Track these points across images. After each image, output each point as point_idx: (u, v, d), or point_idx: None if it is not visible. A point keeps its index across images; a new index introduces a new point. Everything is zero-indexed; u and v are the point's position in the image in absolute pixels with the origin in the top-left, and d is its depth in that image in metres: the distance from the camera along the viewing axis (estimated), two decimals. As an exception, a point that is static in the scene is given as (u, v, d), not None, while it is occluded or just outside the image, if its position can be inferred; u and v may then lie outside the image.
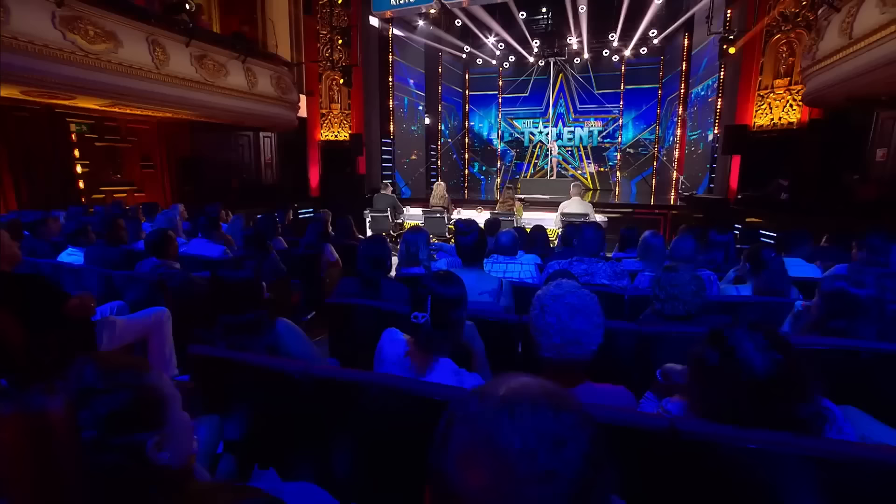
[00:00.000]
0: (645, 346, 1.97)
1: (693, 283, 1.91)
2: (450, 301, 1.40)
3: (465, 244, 2.40)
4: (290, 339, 1.65)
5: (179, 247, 3.98)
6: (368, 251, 2.38)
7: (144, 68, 5.97)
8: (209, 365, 1.39)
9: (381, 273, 2.40)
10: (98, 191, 6.83)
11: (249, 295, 1.61)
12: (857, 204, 5.91)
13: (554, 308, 1.18)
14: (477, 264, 2.44)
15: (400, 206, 7.21)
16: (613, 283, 2.73)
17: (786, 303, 2.44)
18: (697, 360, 1.04)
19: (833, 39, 5.55)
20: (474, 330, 1.64)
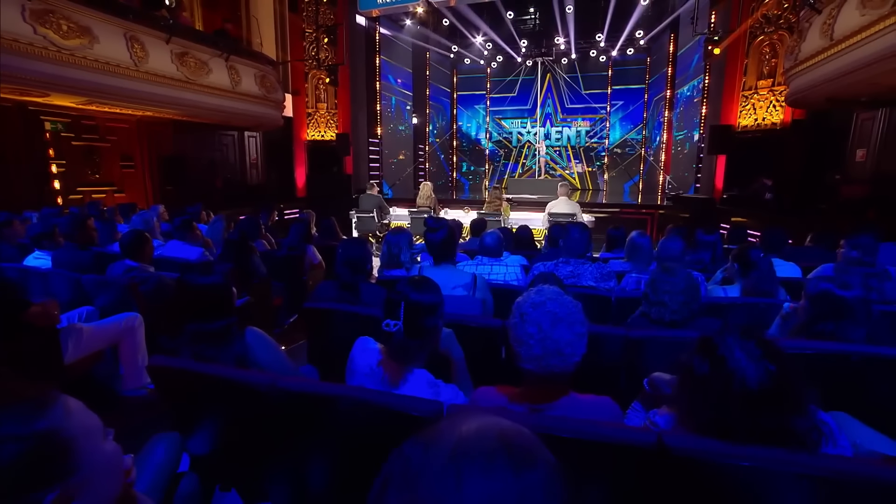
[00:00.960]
0: (632, 351, 1.92)
1: (685, 292, 1.86)
2: (425, 308, 1.33)
3: (435, 241, 2.38)
4: (259, 348, 1.57)
5: (156, 249, 3.89)
6: (347, 254, 2.30)
7: (122, 65, 5.79)
8: (172, 377, 1.31)
9: (360, 277, 2.32)
10: (76, 191, 6.62)
11: (218, 302, 1.53)
12: (841, 203, 5.98)
13: (534, 316, 1.12)
14: (448, 261, 2.42)
15: (386, 207, 7.12)
16: (600, 284, 2.69)
17: (774, 304, 2.42)
18: (686, 370, 0.99)
19: (815, 41, 5.60)
20: (453, 338, 1.57)
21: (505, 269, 2.91)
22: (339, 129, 10.19)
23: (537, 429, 1.01)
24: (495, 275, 2.90)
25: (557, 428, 0.99)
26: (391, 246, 3.01)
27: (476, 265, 2.96)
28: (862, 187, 5.83)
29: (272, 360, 1.61)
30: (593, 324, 2.53)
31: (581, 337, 1.13)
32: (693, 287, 1.87)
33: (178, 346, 1.42)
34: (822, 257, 3.55)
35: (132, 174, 7.38)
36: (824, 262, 3.31)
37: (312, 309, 2.29)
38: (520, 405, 1.15)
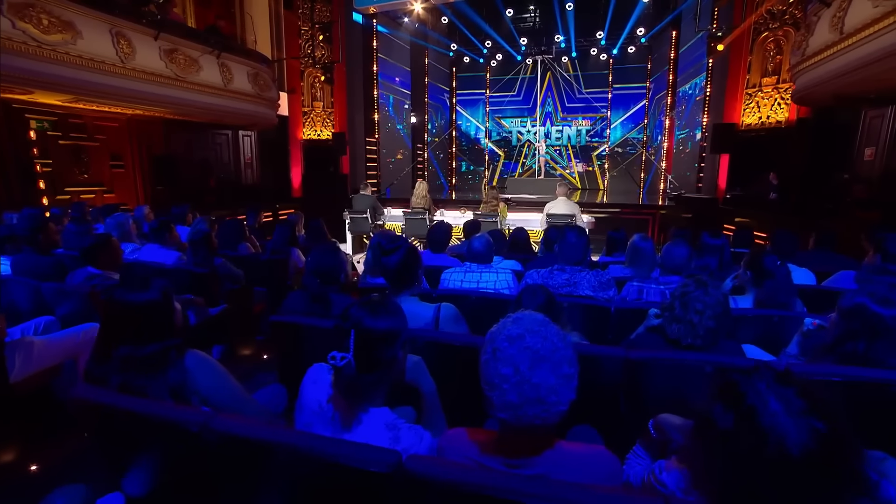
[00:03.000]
0: (634, 375, 1.73)
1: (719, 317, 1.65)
2: (381, 336, 1.12)
3: (390, 266, 1.98)
4: (201, 376, 1.37)
5: (131, 253, 3.71)
6: (316, 262, 2.11)
7: (108, 62, 5.62)
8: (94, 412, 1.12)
9: (332, 287, 2.13)
10: (63, 192, 6.44)
11: (154, 322, 1.34)
12: (850, 203, 5.78)
13: (510, 353, 0.91)
14: (407, 290, 2.04)
15: (380, 207, 6.94)
16: (598, 294, 2.49)
17: (791, 317, 2.23)
18: (703, 420, 0.79)
19: (823, 35, 5.40)
20: (422, 367, 1.37)
21: (496, 277, 2.72)
22: (336, 128, 10.01)
23: (512, 494, 0.82)
24: (485, 283, 2.71)
25: (538, 494, 0.80)
26: (375, 251, 2.83)
27: (464, 272, 2.77)
28: (873, 186, 5.62)
29: (218, 390, 1.42)
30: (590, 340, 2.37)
31: (569, 380, 0.93)
32: (728, 311, 1.67)
33: (107, 373, 1.24)
34: (834, 262, 3.35)
35: (122, 174, 7.21)
36: (840, 267, 3.11)
37: (280, 323, 2.11)
38: (494, 458, 0.95)
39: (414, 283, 2.07)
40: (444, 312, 2.00)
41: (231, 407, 1.53)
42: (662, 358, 1.71)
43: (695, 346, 1.71)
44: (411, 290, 2.06)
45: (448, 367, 1.93)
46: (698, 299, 1.69)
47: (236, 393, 1.54)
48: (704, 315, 1.68)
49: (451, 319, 2.02)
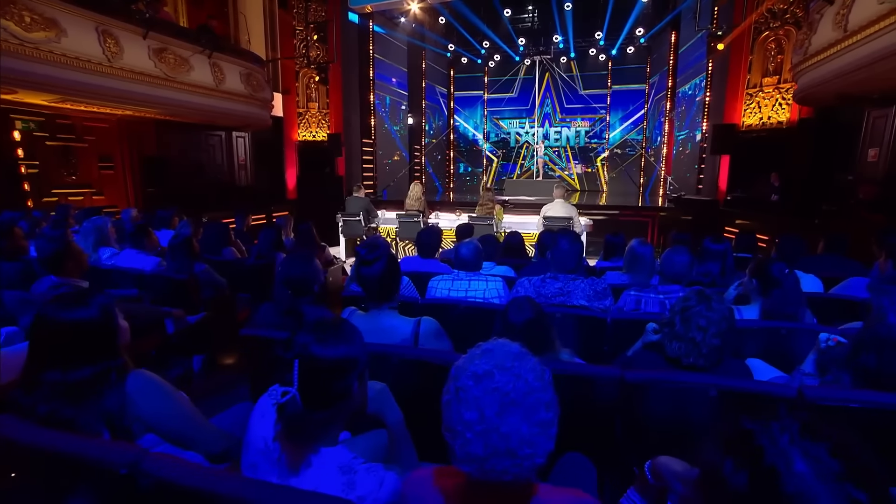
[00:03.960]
0: (630, 398, 1.59)
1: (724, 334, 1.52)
2: (332, 366, 0.97)
3: (370, 277, 1.83)
4: (145, 401, 1.23)
5: (110, 258, 3.57)
6: (287, 272, 1.97)
7: (94, 61, 5.48)
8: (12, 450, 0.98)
9: (305, 299, 1.99)
10: (50, 194, 6.31)
11: (89, 342, 1.19)
12: (855, 205, 5.65)
13: (475, 395, 0.77)
14: (386, 302, 1.90)
15: (374, 210, 6.80)
16: (594, 304, 2.36)
17: (801, 330, 2.09)
18: (711, 475, 0.65)
19: (826, 33, 5.28)
20: (387, 395, 1.22)
21: (485, 285, 2.58)
22: (331, 129, 9.89)
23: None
24: (473, 291, 2.57)
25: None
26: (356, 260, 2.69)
27: (452, 279, 2.63)
28: (879, 187, 5.49)
29: (166, 415, 1.28)
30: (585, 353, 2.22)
31: (546, 428, 0.78)
32: (733, 326, 1.53)
33: (35, 402, 1.09)
34: (843, 267, 3.21)
35: (112, 176, 7.07)
36: (849, 273, 2.97)
37: (250, 337, 1.97)
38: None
39: (394, 296, 1.92)
40: (424, 327, 1.86)
41: (182, 434, 1.40)
42: (661, 380, 1.57)
43: (697, 366, 1.57)
44: (391, 302, 1.92)
45: (427, 388, 1.78)
46: (701, 314, 1.55)
47: (189, 418, 1.39)
48: (708, 332, 1.54)
49: (432, 335, 1.88)
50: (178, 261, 3.37)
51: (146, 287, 3.32)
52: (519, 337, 1.73)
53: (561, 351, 1.79)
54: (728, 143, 7.77)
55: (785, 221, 6.29)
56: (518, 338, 1.72)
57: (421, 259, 3.54)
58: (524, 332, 1.70)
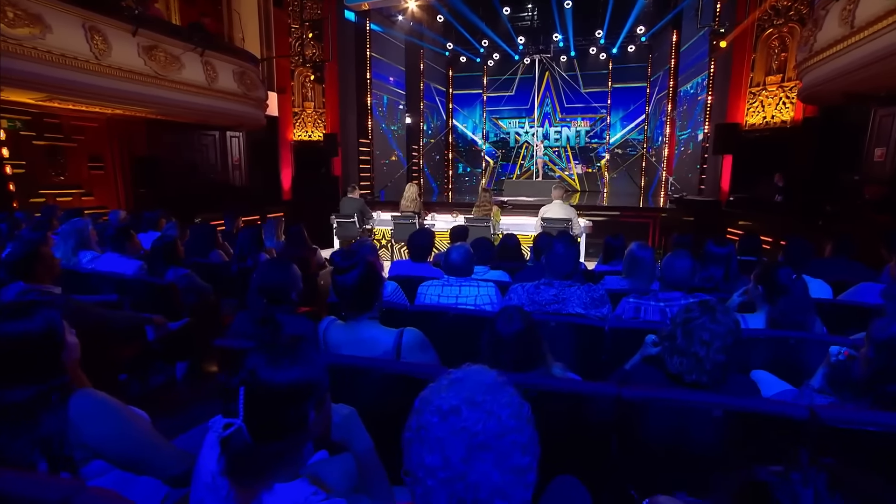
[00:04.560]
0: (628, 416, 1.46)
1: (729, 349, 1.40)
2: (285, 393, 0.85)
3: (346, 285, 1.69)
4: (90, 424, 1.10)
5: (91, 261, 3.44)
6: (263, 279, 1.84)
7: (80, 58, 5.36)
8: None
9: (282, 308, 1.86)
10: (37, 194, 6.19)
11: (29, 359, 1.07)
12: (862, 206, 5.50)
13: (438, 434, 0.65)
14: (365, 312, 1.76)
15: (368, 211, 6.67)
16: (590, 311, 2.22)
17: (810, 340, 1.95)
18: None
19: (832, 29, 5.14)
20: (354, 420, 1.09)
21: (476, 291, 2.45)
22: (327, 129, 9.76)
23: None
24: (464, 298, 2.44)
25: None
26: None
27: (442, 285, 2.49)
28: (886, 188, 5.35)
29: (115, 440, 1.15)
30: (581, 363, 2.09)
31: (522, 475, 0.65)
32: (739, 341, 1.40)
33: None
34: (852, 271, 3.07)
35: (102, 176, 6.95)
36: (858, 277, 2.83)
37: (225, 349, 1.84)
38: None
39: (373, 305, 1.79)
40: (406, 339, 1.73)
41: (135, 459, 1.26)
42: (661, 398, 1.44)
43: (700, 383, 1.44)
44: (370, 312, 1.78)
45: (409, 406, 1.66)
46: (704, 328, 1.42)
47: (142, 440, 1.26)
48: (712, 347, 1.41)
49: (416, 347, 1.74)
50: (160, 265, 3.25)
51: (127, 292, 3.20)
52: (508, 350, 1.60)
53: (553, 365, 1.66)
54: (731, 142, 7.63)
55: (789, 222, 6.15)
56: (507, 351, 1.60)
57: (412, 263, 3.41)
58: (513, 344, 1.57)
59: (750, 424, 1.39)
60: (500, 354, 1.59)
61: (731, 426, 1.40)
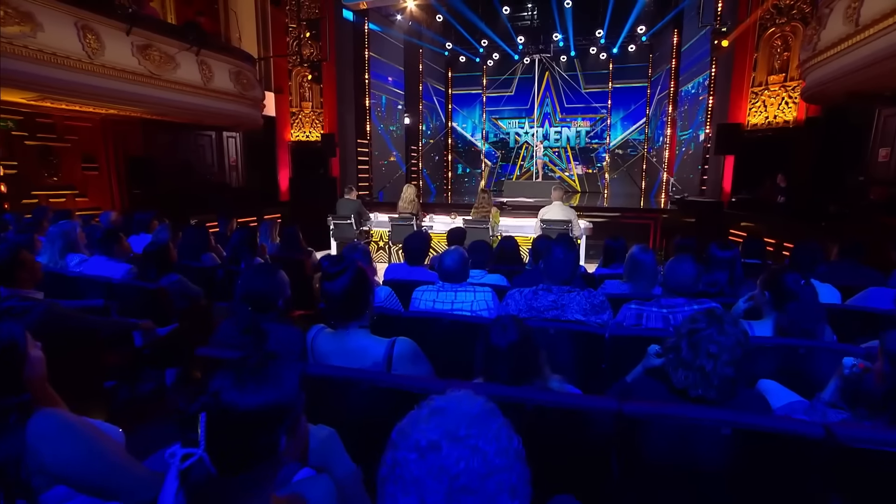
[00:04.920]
0: (629, 433, 1.37)
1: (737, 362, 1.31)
2: (253, 418, 0.77)
3: (334, 293, 1.62)
4: (51, 447, 1.02)
5: (78, 265, 3.36)
6: (248, 285, 1.76)
7: (73, 57, 5.28)
8: None
9: (269, 316, 1.77)
10: (29, 195, 6.11)
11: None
12: (866, 207, 5.42)
13: (415, 474, 0.57)
14: (354, 321, 1.68)
15: (365, 213, 6.58)
16: (590, 318, 2.14)
17: (821, 348, 1.87)
18: None
19: (837, 27, 5.06)
20: (334, 444, 1.01)
21: (473, 297, 2.36)
22: (325, 129, 9.67)
23: None
24: (460, 303, 2.35)
25: None
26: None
27: (437, 291, 2.41)
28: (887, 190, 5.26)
29: (79, 464, 1.07)
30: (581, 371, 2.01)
31: None
32: (749, 353, 1.32)
33: None
34: (859, 275, 2.98)
35: (96, 177, 6.87)
36: (867, 282, 2.74)
37: (207, 358, 1.75)
38: None
39: (364, 313, 1.71)
40: (398, 349, 1.64)
41: (101, 484, 1.18)
42: (665, 414, 1.35)
43: (707, 398, 1.35)
44: (360, 321, 1.70)
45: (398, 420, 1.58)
46: (711, 339, 1.34)
47: (110, 463, 1.17)
48: (720, 360, 1.32)
49: (408, 358, 1.66)
50: (150, 269, 3.17)
51: (115, 296, 3.12)
52: (503, 362, 1.52)
53: (550, 377, 1.57)
54: (732, 143, 7.54)
55: (792, 224, 6.07)
56: (502, 363, 1.51)
57: (408, 266, 3.33)
58: (508, 356, 1.49)
59: (760, 443, 1.30)
60: (495, 367, 1.51)
61: (740, 445, 1.31)
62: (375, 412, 1.54)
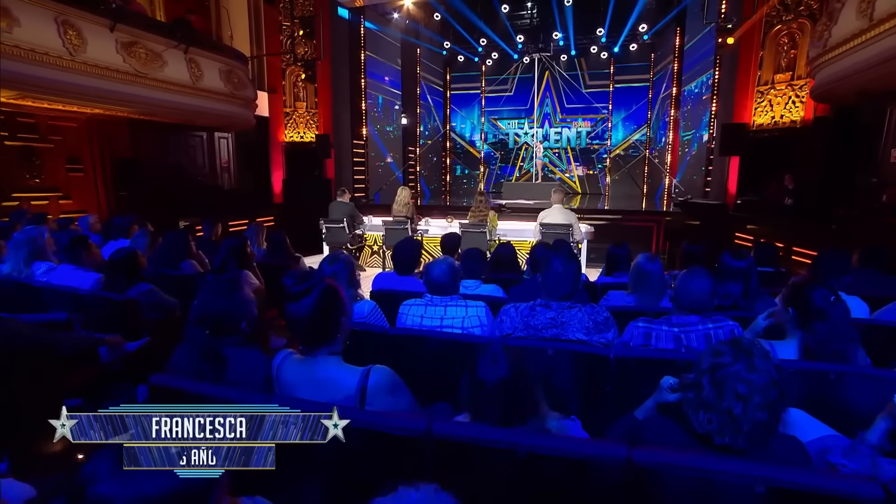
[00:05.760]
0: (639, 487, 1.15)
1: (774, 405, 1.10)
2: None
3: (297, 317, 1.42)
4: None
5: (44, 273, 3.14)
6: (204, 306, 1.54)
7: (53, 53, 5.07)
8: None
9: (228, 340, 1.56)
10: (10, 197, 5.90)
11: None
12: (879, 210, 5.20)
13: None
14: (324, 346, 1.46)
15: (359, 216, 6.36)
16: (593, 337, 1.92)
17: (854, 374, 1.65)
18: None
19: (849, 23, 4.85)
20: None
21: (465, 312, 2.14)
22: (320, 129, 9.46)
23: None
24: (450, 319, 2.13)
25: None
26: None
27: (425, 305, 2.19)
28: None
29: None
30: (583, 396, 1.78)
31: None
32: (785, 393, 1.10)
33: None
34: (882, 285, 2.76)
35: (81, 179, 6.65)
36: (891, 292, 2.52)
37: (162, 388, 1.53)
38: None
39: (335, 337, 1.49)
40: (373, 380, 1.42)
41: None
42: (684, 465, 1.13)
43: (735, 447, 1.13)
44: (330, 346, 1.48)
45: (373, 466, 1.35)
46: (739, 378, 1.11)
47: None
48: (750, 403, 1.10)
49: (385, 390, 1.44)
50: (119, 278, 2.95)
51: (82, 308, 2.90)
52: (491, 400, 1.30)
53: (548, 416, 1.35)
54: (738, 143, 7.33)
55: (801, 227, 5.85)
56: (490, 401, 1.29)
57: (397, 276, 3.11)
58: (498, 393, 1.27)
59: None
60: (482, 405, 1.29)
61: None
62: (344, 457, 1.33)
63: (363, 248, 6.77)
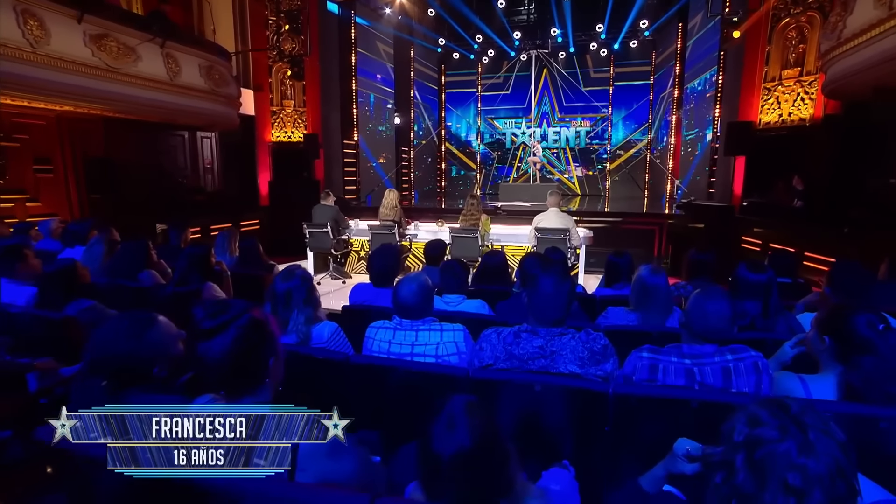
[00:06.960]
0: None
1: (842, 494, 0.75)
2: None
3: (210, 360, 1.08)
4: None
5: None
6: (103, 346, 1.22)
7: (10, 45, 4.72)
8: None
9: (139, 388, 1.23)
10: (-30, 200, 5.56)
11: None
12: None
13: None
14: (248, 395, 1.13)
15: (344, 220, 6.01)
16: (588, 370, 1.58)
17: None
18: None
19: (867, 13, 4.53)
20: None
21: (438, 338, 1.80)
22: (308, 129, 9.11)
23: None
24: (422, 346, 1.80)
25: None
26: (277, 299, 1.93)
27: (394, 328, 1.85)
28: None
29: None
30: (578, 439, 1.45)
31: None
32: (853, 488, 0.76)
33: None
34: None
35: (50, 180, 6.30)
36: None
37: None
38: None
39: (261, 384, 1.15)
40: None
41: None
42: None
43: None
44: (256, 395, 1.14)
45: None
46: (791, 463, 0.75)
47: None
48: (808, 499, 0.75)
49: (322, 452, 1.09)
50: (54, 293, 2.61)
51: (12, 329, 2.56)
52: (449, 479, 0.96)
53: (528, 496, 1.01)
54: (743, 142, 7.00)
55: (811, 231, 5.52)
56: (448, 480, 0.95)
57: (374, 289, 2.77)
58: (458, 470, 0.93)
59: None
60: (438, 483, 0.95)
61: None
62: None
63: (349, 254, 6.42)
